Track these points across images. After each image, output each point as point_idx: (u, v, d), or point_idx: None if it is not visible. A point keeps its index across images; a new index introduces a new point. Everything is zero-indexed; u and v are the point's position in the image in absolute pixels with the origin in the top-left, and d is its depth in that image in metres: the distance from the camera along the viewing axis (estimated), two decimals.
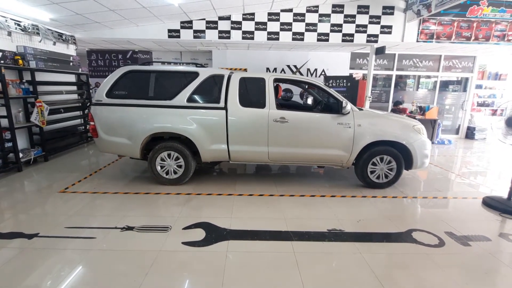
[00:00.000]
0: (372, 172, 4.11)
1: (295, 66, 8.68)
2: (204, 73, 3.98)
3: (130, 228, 2.89)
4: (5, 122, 4.44)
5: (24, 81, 4.85)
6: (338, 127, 3.93)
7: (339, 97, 3.98)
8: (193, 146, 3.98)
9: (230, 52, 8.58)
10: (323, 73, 8.79)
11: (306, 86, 4.75)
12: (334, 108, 4.00)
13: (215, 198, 3.73)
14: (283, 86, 5.47)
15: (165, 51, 9.31)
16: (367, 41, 6.71)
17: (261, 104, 3.96)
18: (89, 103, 6.86)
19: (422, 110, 7.84)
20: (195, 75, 3.98)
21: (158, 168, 4.05)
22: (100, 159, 5.60)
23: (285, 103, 4.73)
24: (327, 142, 3.96)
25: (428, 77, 9.05)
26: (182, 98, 3.91)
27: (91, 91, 7.14)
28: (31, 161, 4.94)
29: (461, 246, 2.78)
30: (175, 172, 4.08)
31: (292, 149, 3.98)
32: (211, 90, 4.00)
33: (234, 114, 3.91)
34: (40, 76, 5.29)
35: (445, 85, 9.12)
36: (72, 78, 6.46)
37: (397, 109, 7.86)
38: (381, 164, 4.05)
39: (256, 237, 2.79)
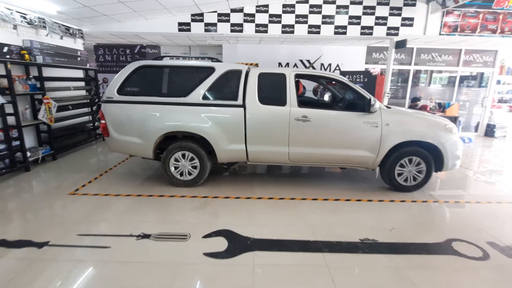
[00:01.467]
0: (399, 175, 3.84)
1: (308, 61, 8.37)
2: (220, 69, 3.73)
3: (146, 236, 2.68)
4: (12, 120, 4.26)
5: (31, 76, 4.65)
6: (364, 126, 3.66)
7: (366, 94, 3.70)
8: (209, 146, 3.75)
9: (241, 46, 8.29)
10: (337, 68, 8.46)
11: (333, 83, 4.45)
12: (360, 106, 3.72)
13: (233, 202, 3.50)
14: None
15: (173, 46, 9.05)
16: (387, 34, 6.37)
17: (282, 102, 3.70)
18: (97, 99, 6.66)
19: (442, 107, 7.49)
20: (211, 70, 3.73)
21: (172, 169, 3.83)
22: (109, 157, 5.41)
23: (306, 100, 4.45)
24: (352, 142, 3.70)
25: (440, 72, 8.67)
26: (197, 95, 3.67)
27: (99, 86, 6.93)
28: (39, 160, 4.77)
29: (507, 259, 2.52)
30: (189, 173, 3.86)
31: (314, 149, 3.73)
32: (228, 86, 3.74)
33: (252, 112, 3.66)
34: (47, 72, 5.09)
35: (459, 80, 8.71)
36: (80, 73, 6.26)
37: (415, 105, 7.52)
38: (409, 166, 3.78)
39: (284, 247, 2.56)
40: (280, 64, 8.43)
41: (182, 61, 3.88)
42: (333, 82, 4.69)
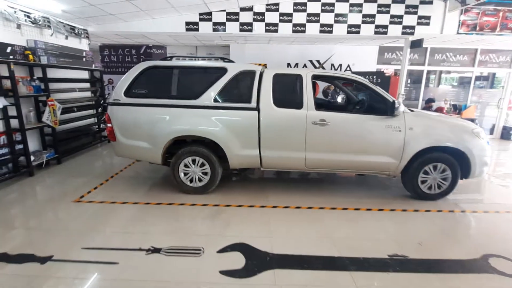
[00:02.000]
0: (423, 182, 3.61)
1: (318, 62, 8.14)
2: (233, 69, 3.53)
3: (156, 251, 2.48)
4: (15, 123, 4.09)
5: (35, 78, 4.49)
6: (387, 130, 3.43)
7: (389, 96, 3.47)
8: (220, 151, 3.55)
9: (249, 46, 8.10)
10: (348, 68, 8.22)
11: (350, 85, 4.21)
12: (382, 109, 3.49)
13: (247, 211, 3.29)
14: None
15: (179, 46, 8.88)
16: (403, 33, 6.12)
17: (298, 104, 3.48)
18: (102, 101, 6.50)
19: (458, 108, 7.22)
20: (223, 71, 3.53)
21: (182, 175, 3.63)
22: (115, 161, 5.24)
23: (323, 103, 4.21)
24: (374, 147, 3.47)
25: (448, 72, 8.39)
26: (208, 97, 3.47)
27: (105, 88, 6.77)
28: (43, 164, 4.60)
29: None
30: (200, 180, 3.66)
31: (333, 155, 3.51)
32: (242, 88, 3.54)
33: (267, 115, 3.45)
34: (51, 73, 4.93)
35: (468, 81, 8.41)
36: (85, 74, 6.10)
37: (429, 107, 7.26)
38: (434, 173, 3.54)
39: (306, 265, 2.34)
40: (289, 64, 8.21)
41: (192, 61, 3.69)
42: (351, 84, 4.47)
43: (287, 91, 3.55)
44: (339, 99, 4.86)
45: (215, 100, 3.46)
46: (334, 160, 3.52)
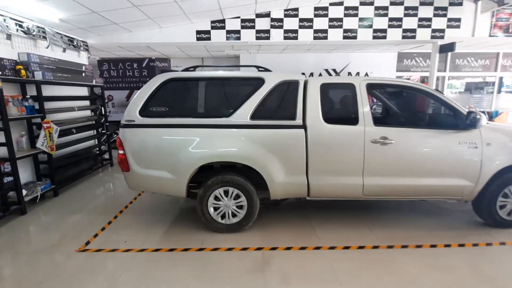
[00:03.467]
0: (502, 207, 2.99)
1: (334, 70, 7.65)
2: (271, 79, 2.93)
3: None
4: (4, 151, 3.39)
5: (27, 96, 3.80)
6: (461, 147, 2.84)
7: (460, 107, 2.90)
8: (256, 178, 2.90)
9: (261, 56, 7.59)
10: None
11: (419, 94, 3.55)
12: (451, 121, 2.92)
13: (300, 256, 2.61)
14: None
15: (184, 58, 8.34)
16: (432, 37, 5.67)
17: (353, 120, 2.88)
18: (103, 120, 5.83)
19: (489, 115, 6.74)
20: (260, 82, 2.93)
21: (211, 210, 2.95)
22: (120, 188, 4.53)
23: (383, 116, 3.55)
24: (445, 168, 2.86)
25: (462, 78, 8.00)
26: (244, 114, 2.84)
27: (106, 105, 6.11)
28: (38, 199, 3.86)
29: None
30: (233, 215, 2.98)
31: (397, 179, 2.88)
32: (283, 102, 2.93)
33: (316, 133, 2.83)
34: (47, 90, 4.26)
35: (476, 87, 8.01)
36: (84, 91, 5.45)
37: None
38: None
39: None
40: (303, 74, 7.69)
41: (221, 72, 3.08)
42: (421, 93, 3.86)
43: (338, 104, 2.97)
44: (379, 110, 4.26)
45: (253, 117, 2.84)
46: (398, 185, 2.89)
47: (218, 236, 2.96)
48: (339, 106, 3.02)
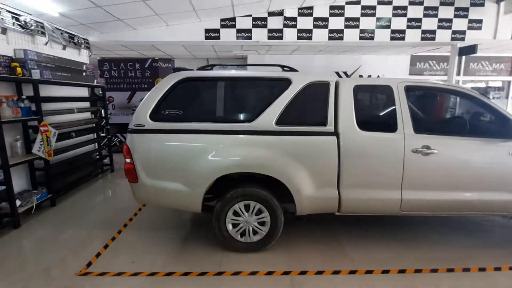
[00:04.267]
0: None
1: (345, 73, 7.38)
2: (299, 80, 2.61)
3: None
4: None
5: (23, 97, 3.46)
6: (510, 159, 2.54)
7: (508, 113, 2.61)
8: (278, 191, 2.58)
9: (269, 57, 7.31)
10: None
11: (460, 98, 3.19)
12: (500, 130, 2.62)
13: (335, 282, 2.28)
14: None
15: (189, 59, 8.03)
16: (452, 39, 5.41)
17: (391, 126, 2.57)
18: (104, 122, 5.47)
19: None
20: (286, 83, 2.61)
21: (230, 227, 2.62)
22: (123, 197, 4.18)
23: (424, 122, 3.20)
24: (492, 181, 2.56)
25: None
26: (268, 119, 2.52)
27: (107, 107, 5.76)
28: (33, 210, 3.50)
29: None
30: (254, 233, 2.65)
31: (440, 194, 2.57)
32: (312, 106, 2.62)
33: (349, 141, 2.52)
34: (45, 90, 3.92)
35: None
36: (85, 92, 5.10)
37: None
38: None
39: None
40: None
41: (242, 71, 2.77)
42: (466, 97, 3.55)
43: (374, 109, 2.67)
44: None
45: (278, 123, 2.52)
46: (441, 200, 2.58)
47: (237, 256, 2.62)
48: (375, 111, 2.72)
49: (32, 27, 3.73)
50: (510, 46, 6.30)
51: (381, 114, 2.70)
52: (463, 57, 7.42)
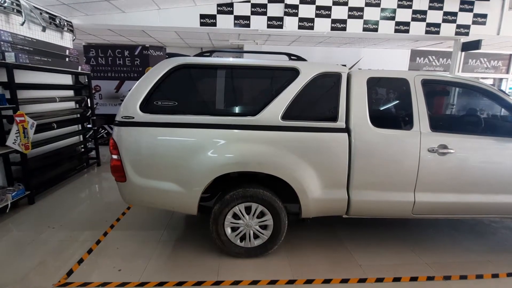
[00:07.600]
0: None
1: (344, 66, 7.15)
2: (308, 71, 2.36)
3: None
4: None
5: None
6: None
7: None
8: (281, 192, 2.36)
9: (266, 48, 6.99)
10: None
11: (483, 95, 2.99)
12: None
13: None
14: None
15: (181, 47, 7.63)
16: (456, 33, 5.25)
17: (406, 123, 2.37)
18: (90, 113, 5.10)
19: None
20: (294, 73, 2.36)
21: (229, 230, 2.38)
22: (110, 194, 3.88)
23: (442, 120, 2.98)
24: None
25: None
26: (274, 112, 2.27)
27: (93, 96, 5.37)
28: (8, 208, 3.17)
29: None
30: (255, 237, 2.43)
31: (456, 196, 2.40)
32: (322, 99, 2.38)
33: (362, 139, 2.30)
34: (22, 76, 3.54)
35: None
36: (68, 79, 4.70)
37: None
38: None
39: None
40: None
41: (246, 59, 2.49)
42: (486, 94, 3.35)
43: (389, 104, 2.45)
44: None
45: (284, 117, 2.27)
46: (457, 203, 2.41)
47: (237, 262, 2.40)
48: (390, 106, 2.51)
49: (6, 4, 3.32)
50: (510, 43, 6.21)
51: (396, 110, 2.50)
52: (463, 53, 7.31)
